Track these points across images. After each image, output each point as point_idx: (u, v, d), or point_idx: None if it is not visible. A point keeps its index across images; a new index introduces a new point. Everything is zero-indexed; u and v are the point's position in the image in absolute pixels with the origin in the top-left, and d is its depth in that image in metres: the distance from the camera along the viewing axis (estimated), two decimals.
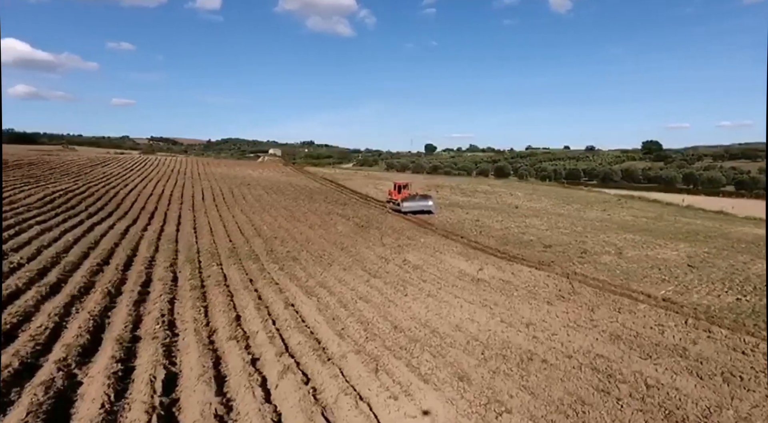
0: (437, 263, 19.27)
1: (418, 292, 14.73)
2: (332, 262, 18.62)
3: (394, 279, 16.23)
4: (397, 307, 13.05)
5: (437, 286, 15.58)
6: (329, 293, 13.98)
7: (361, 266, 17.98)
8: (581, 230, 28.81)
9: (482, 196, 46.37)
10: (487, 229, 28.01)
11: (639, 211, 41.02)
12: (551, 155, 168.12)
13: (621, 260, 20.94)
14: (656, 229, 30.90)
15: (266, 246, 20.82)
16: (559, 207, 41.20)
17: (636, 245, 24.46)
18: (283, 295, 13.46)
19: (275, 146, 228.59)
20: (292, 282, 14.98)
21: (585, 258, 21.35)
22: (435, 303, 13.62)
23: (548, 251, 22.67)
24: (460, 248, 22.61)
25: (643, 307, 14.19)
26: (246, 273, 15.79)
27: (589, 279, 17.38)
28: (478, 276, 17.49)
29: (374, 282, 15.74)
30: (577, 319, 12.82)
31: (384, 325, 11.58)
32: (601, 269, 19.11)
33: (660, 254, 22.40)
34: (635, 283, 17.03)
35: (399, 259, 19.60)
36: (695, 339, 11.47)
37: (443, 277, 16.90)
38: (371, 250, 21.33)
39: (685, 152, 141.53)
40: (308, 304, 12.69)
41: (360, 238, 24.10)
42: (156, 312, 10.77)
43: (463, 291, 15.13)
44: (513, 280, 17.00)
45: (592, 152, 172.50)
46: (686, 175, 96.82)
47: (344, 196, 42.52)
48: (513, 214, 35.24)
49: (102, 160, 67.32)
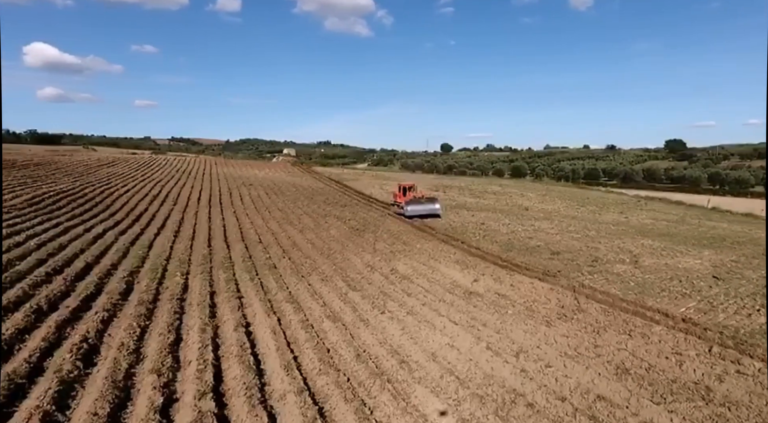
0: (429, 273, 17.50)
1: (398, 308, 13.00)
2: (312, 271, 17.01)
3: (375, 292, 14.52)
4: (369, 329, 11.35)
5: (422, 301, 13.82)
6: (295, 310, 12.35)
7: (342, 276, 16.32)
8: (594, 235, 26.63)
9: (492, 198, 44.24)
10: (491, 234, 26.07)
11: (659, 213, 38.43)
12: (570, 155, 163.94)
13: (636, 270, 18.84)
14: (678, 233, 28.49)
15: (247, 252, 19.34)
16: (573, 209, 38.86)
17: (654, 252, 22.25)
18: (241, 312, 11.89)
19: (292, 146, 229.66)
20: (258, 296, 13.40)
21: (596, 267, 19.30)
22: (414, 323, 11.87)
23: (555, 259, 20.67)
24: (459, 255, 20.77)
25: (659, 329, 12.20)
26: (211, 284, 14.28)
27: (597, 293, 15.39)
28: (471, 288, 15.67)
29: (351, 296, 14.06)
30: (579, 345, 10.93)
31: (346, 352, 9.89)
32: (613, 281, 17.08)
33: (681, 263, 20.19)
34: (651, 299, 14.98)
35: (387, 268, 17.90)
36: (721, 374, 9.49)
37: (431, 290, 15.12)
38: (359, 257, 19.66)
39: (711, 151, 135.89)
40: (266, 325, 11.09)
41: (351, 243, 22.45)
42: (78, 336, 9.28)
43: (450, 308, 13.33)
44: (510, 294, 15.12)
45: (612, 151, 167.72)
46: (712, 174, 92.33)
47: (346, 197, 40.94)
48: (522, 216, 33.15)
49: (111, 160, 67.17)
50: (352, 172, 73.16)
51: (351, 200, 38.89)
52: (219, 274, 15.62)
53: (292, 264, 17.77)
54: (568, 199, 45.34)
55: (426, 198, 32.22)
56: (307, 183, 51.34)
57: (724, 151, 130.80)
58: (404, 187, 34.17)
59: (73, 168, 51.93)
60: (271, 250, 19.95)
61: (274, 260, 18.27)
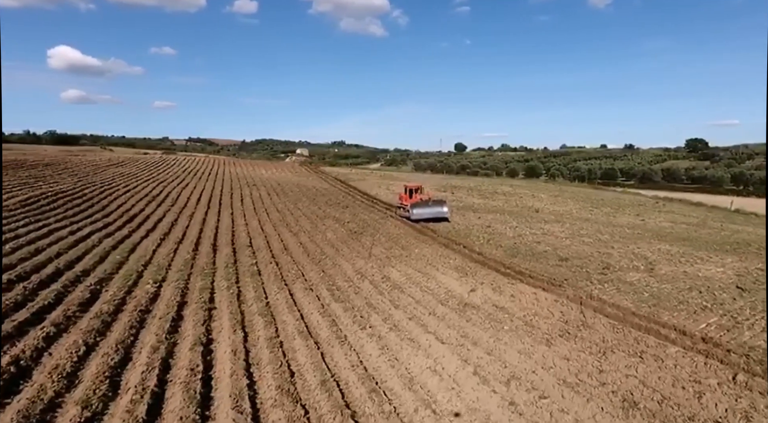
0: (423, 281, 16.26)
1: (382, 323, 11.80)
2: (298, 278, 15.91)
3: (361, 304, 13.34)
4: (344, 348, 10.18)
5: (410, 314, 12.60)
6: (267, 324, 11.24)
7: (328, 284, 15.18)
8: (607, 239, 25.03)
9: (501, 199, 42.65)
10: (496, 237, 24.67)
11: (679, 215, 36.44)
12: (586, 154, 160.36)
13: (651, 278, 17.32)
14: (698, 238, 26.69)
15: (233, 256, 18.35)
16: (586, 211, 37.11)
17: (672, 258, 20.64)
18: (206, 327, 10.82)
19: (306, 146, 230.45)
20: (231, 307, 12.32)
21: (607, 275, 17.83)
22: (396, 342, 10.66)
23: (563, 265, 19.23)
24: (459, 261, 19.47)
25: (675, 351, 10.78)
26: (183, 294, 13.27)
27: (607, 305, 13.96)
28: (467, 299, 14.38)
29: (333, 308, 12.91)
30: (581, 370, 9.59)
31: (312, 377, 8.73)
32: (625, 291, 15.61)
33: (701, 271, 18.58)
34: (667, 313, 13.52)
35: (379, 276, 16.70)
36: (748, 410, 8.09)
37: (423, 301, 13.88)
38: (352, 262, 18.51)
39: (734, 150, 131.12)
40: (228, 343, 10.00)
41: (346, 247, 21.32)
42: (9, 357, 8.29)
43: (439, 323, 12.08)
44: (509, 307, 13.80)
45: (630, 151, 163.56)
46: (735, 175, 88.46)
47: (349, 198, 39.83)
48: (531, 218, 31.61)
49: (122, 160, 67.28)
50: (360, 172, 72.08)
51: (354, 201, 37.77)
52: (195, 282, 14.61)
53: (277, 270, 16.70)
54: (582, 200, 43.51)
55: (433, 200, 30.47)
56: (312, 183, 50.40)
57: (748, 151, 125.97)
58: (410, 188, 32.24)
59: (81, 168, 51.89)
60: (260, 255, 18.93)
61: (260, 266, 17.23)
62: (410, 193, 31.68)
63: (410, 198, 31.13)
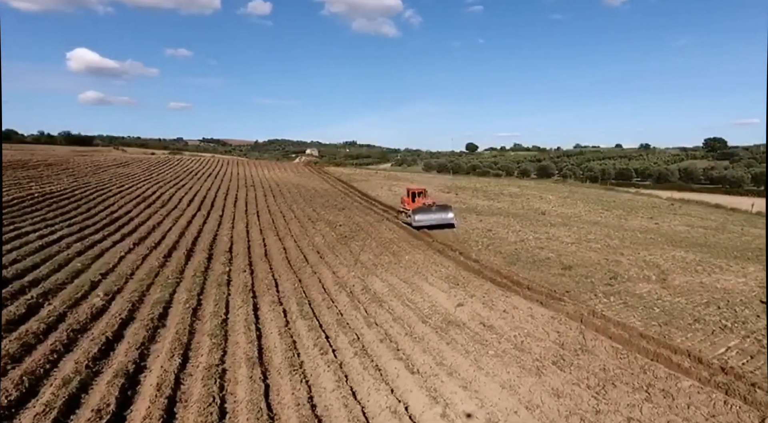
0: (408, 293, 14.73)
1: (348, 346, 10.31)
2: (269, 289, 14.50)
3: (330, 321, 11.88)
4: (295, 379, 8.70)
5: (383, 335, 11.08)
6: (214, 348, 9.82)
7: (300, 297, 13.73)
8: (617, 244, 23.20)
9: (507, 200, 40.79)
10: (497, 242, 23.01)
11: (696, 218, 34.28)
12: (601, 154, 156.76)
13: (663, 291, 15.57)
14: (716, 243, 24.70)
15: (206, 264, 17.04)
16: (596, 213, 35.12)
17: (687, 267, 18.82)
18: (140, 351, 9.44)
19: (318, 146, 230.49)
20: (179, 326, 10.95)
21: (614, 286, 16.12)
22: (359, 371, 9.16)
23: (566, 275, 17.55)
24: (452, 269, 17.90)
25: (688, 385, 9.11)
26: (132, 309, 11.94)
27: (611, 324, 12.29)
28: (453, 316, 12.82)
29: (298, 326, 11.46)
30: (573, 410, 7.99)
31: (243, 421, 7.27)
32: (633, 306, 13.91)
33: (720, 282, 16.78)
34: (680, 333, 11.81)
35: (360, 286, 15.22)
36: None
37: (402, 318, 12.37)
38: (334, 270, 17.08)
39: (755, 150, 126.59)
40: (158, 372, 8.59)
41: (332, 253, 19.89)
42: None
43: (415, 346, 10.55)
44: (499, 325, 12.20)
45: (646, 150, 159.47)
46: (756, 175, 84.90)
47: (348, 199, 38.38)
48: (537, 222, 29.82)
49: (127, 160, 66.88)
50: (365, 172, 70.58)
51: (352, 203, 36.31)
52: (153, 294, 13.30)
53: (249, 280, 15.30)
54: (592, 202, 41.46)
55: (437, 205, 27.79)
56: (313, 184, 49.08)
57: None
58: (413, 191, 29.56)
59: (82, 168, 51.36)
60: (236, 262, 17.59)
61: (232, 275, 15.89)
62: (413, 197, 29.24)
63: (413, 202, 28.79)
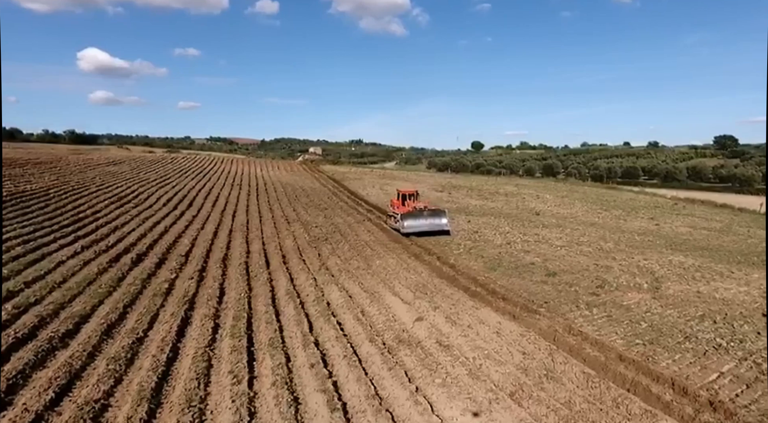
0: (366, 304, 13.28)
1: (269, 374, 8.85)
2: (210, 299, 13.10)
3: (263, 340, 10.46)
4: (182, 421, 7.27)
5: (317, 357, 9.61)
6: (100, 379, 8.42)
7: (239, 310, 12.30)
8: (611, 248, 21.56)
9: (502, 200, 39.11)
10: (481, 245, 21.47)
11: (700, 219, 32.42)
12: (608, 152, 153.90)
13: (655, 302, 14.00)
14: (719, 247, 22.96)
15: (153, 270, 15.71)
16: (594, 214, 33.37)
17: (685, 274, 17.20)
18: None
19: (324, 145, 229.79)
20: (78, 348, 9.57)
21: (599, 296, 14.56)
22: (269, 407, 7.71)
23: (549, 282, 16.00)
24: (425, 276, 16.43)
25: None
26: (38, 325, 10.59)
27: (588, 343, 10.76)
28: (409, 332, 11.34)
29: (220, 347, 10.04)
30: None
31: None
32: (618, 320, 12.36)
33: (719, 291, 15.18)
34: (666, 355, 10.26)
35: (314, 296, 13.78)
36: None
37: (349, 336, 10.92)
38: (293, 277, 15.71)
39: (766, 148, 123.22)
40: None
41: (298, 257, 18.49)
42: None
43: (351, 373, 9.08)
44: (458, 344, 10.70)
45: (654, 149, 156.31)
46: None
47: (334, 198, 36.94)
48: (529, 223, 28.19)
49: (120, 158, 66.03)
50: (360, 170, 68.95)
51: (337, 202, 34.85)
52: (73, 307, 11.94)
53: (193, 289, 13.92)
54: (591, 201, 39.65)
55: (430, 210, 24.56)
56: (303, 182, 47.72)
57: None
58: (404, 194, 26.35)
59: (71, 167, 50.52)
60: (187, 269, 16.25)
61: (176, 283, 14.58)
62: (403, 200, 26.08)
63: (403, 205, 25.74)
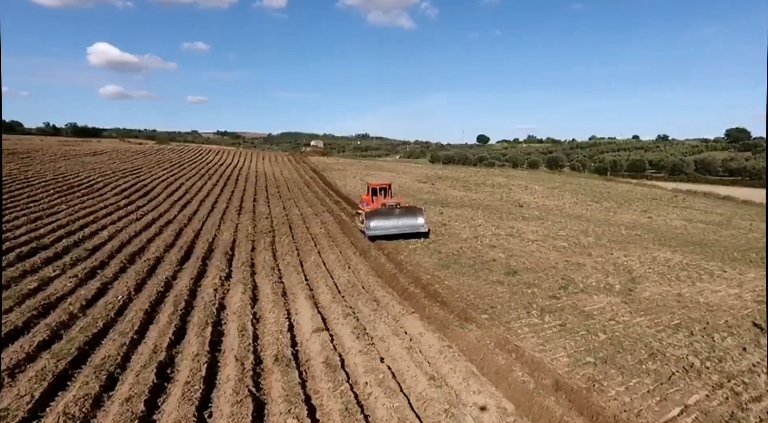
0: (267, 309, 11.04)
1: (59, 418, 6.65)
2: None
3: (96, 362, 8.24)
4: None
5: (137, 389, 7.38)
6: None
7: (67, 340, 10.10)
8: (590, 242, 19.11)
9: (487, 191, 36.60)
10: (443, 239, 19.12)
11: (699, 212, 29.72)
12: (616, 145, 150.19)
13: (624, 306, 11.63)
14: (715, 242, 20.40)
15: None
16: (582, 205, 30.79)
17: (668, 273, 14.74)
18: None
19: (331, 139, 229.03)
20: None
21: (560, 299, 12.19)
22: None
23: (506, 282, 13.61)
24: (361, 274, 14.22)
25: None
26: None
27: (520, 363, 8.43)
28: (300, 346, 9.09)
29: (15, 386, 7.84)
30: None
31: None
32: (572, 330, 10.00)
33: (704, 293, 12.76)
34: (618, 379, 7.89)
35: (212, 298, 11.56)
36: None
37: (222, 352, 8.68)
38: (201, 276, 13.50)
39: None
40: None
41: (223, 254, 16.28)
42: None
43: (180, 408, 6.83)
44: (352, 365, 8.42)
45: (664, 142, 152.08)
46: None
47: (306, 189, 34.66)
48: (508, 215, 25.75)
49: (106, 150, 64.37)
50: (348, 161, 66.71)
51: (306, 193, 32.60)
52: None
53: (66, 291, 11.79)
54: (582, 193, 37.01)
55: (402, 207, 19.84)
56: (282, 173, 45.56)
57: None
58: (374, 187, 22.15)
59: (47, 158, 48.83)
60: (79, 266, 14.10)
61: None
62: (373, 195, 21.71)
63: (372, 202, 21.22)
